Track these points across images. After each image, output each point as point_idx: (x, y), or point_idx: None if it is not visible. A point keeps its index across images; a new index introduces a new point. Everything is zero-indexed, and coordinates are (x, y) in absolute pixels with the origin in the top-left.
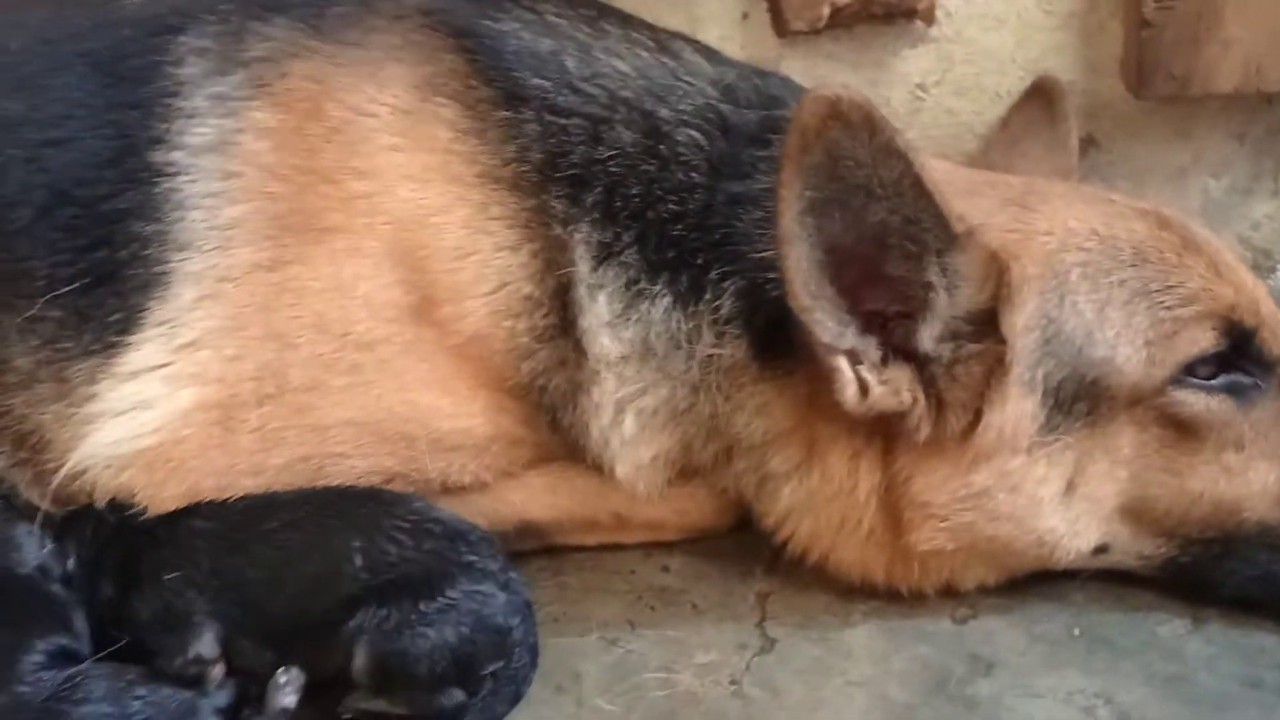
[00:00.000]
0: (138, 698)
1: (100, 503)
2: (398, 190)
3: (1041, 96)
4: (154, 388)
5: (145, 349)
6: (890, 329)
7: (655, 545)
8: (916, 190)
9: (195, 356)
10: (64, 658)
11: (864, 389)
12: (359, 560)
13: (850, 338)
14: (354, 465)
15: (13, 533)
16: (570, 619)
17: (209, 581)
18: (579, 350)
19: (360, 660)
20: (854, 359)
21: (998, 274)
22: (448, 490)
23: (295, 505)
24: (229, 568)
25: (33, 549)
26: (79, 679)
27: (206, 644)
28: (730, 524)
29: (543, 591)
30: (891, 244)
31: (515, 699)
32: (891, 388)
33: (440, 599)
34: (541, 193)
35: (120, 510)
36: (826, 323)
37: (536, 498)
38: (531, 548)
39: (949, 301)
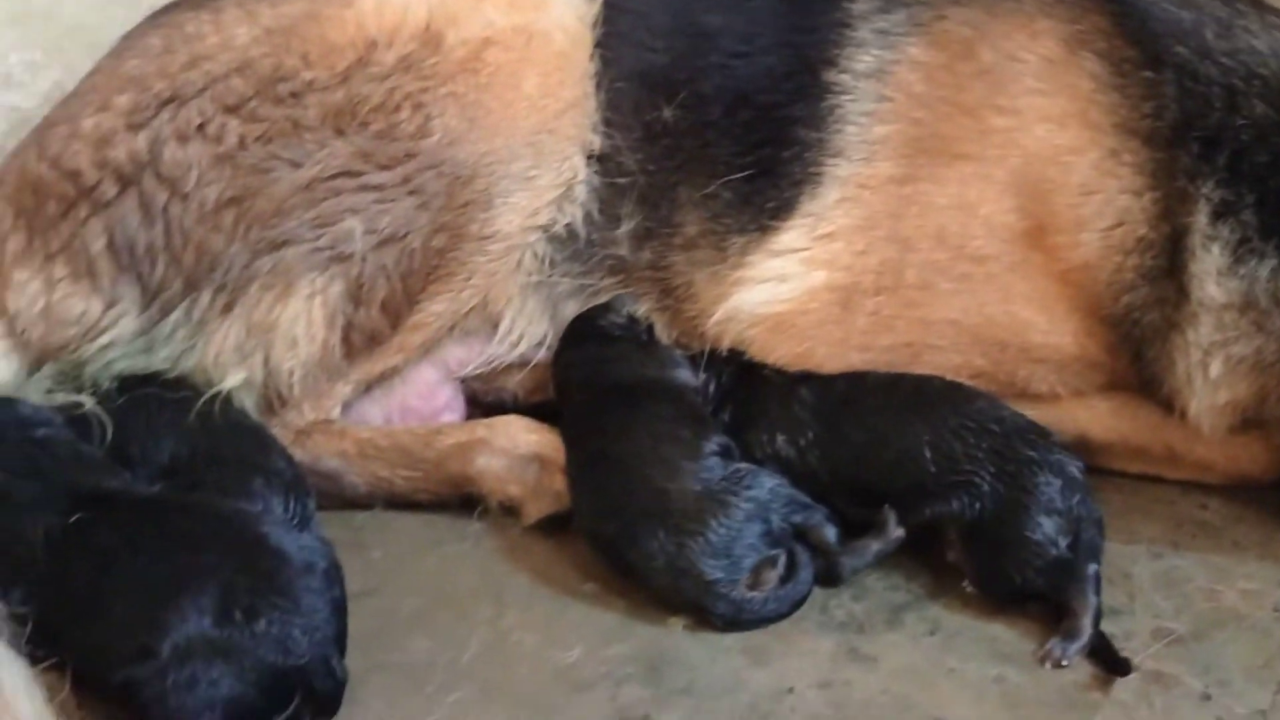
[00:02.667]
0: (784, 497)
1: (723, 350)
2: (1035, 129)
3: None
4: (793, 266)
5: (791, 234)
6: None
7: (1193, 484)
8: None
9: (830, 246)
10: (725, 454)
11: None
12: (928, 454)
13: None
14: (948, 358)
15: (675, 355)
16: (1114, 530)
17: (811, 449)
18: (1181, 293)
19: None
20: None
21: None
22: (1022, 396)
23: (881, 392)
24: (826, 440)
25: (687, 370)
26: (745, 472)
27: None
28: (1274, 478)
29: None
30: None
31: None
32: None
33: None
34: (1172, 148)
35: (746, 360)
36: None
37: (1100, 418)
38: None
39: None
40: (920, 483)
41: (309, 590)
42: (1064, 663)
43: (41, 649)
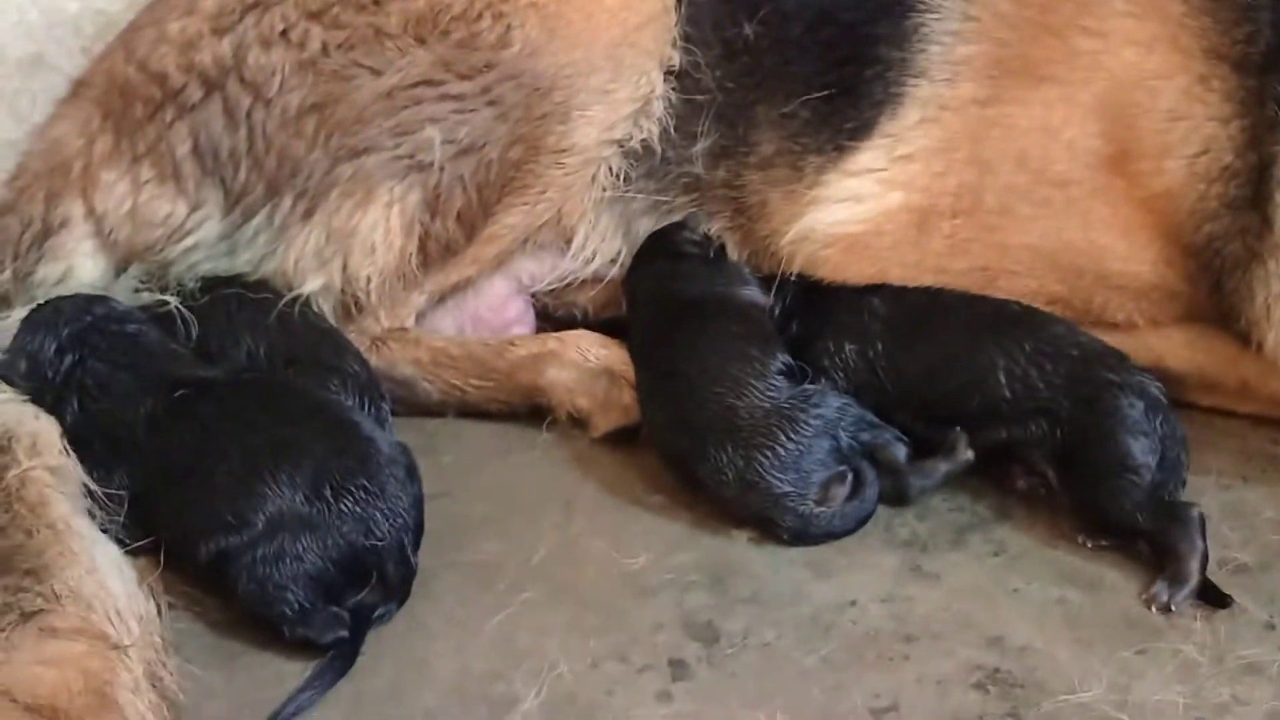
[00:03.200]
0: (852, 416)
1: (791, 270)
2: (1122, 52)
3: None
4: (869, 187)
5: (868, 154)
6: None
7: (1264, 419)
8: None
9: (908, 168)
10: (789, 373)
11: None
12: (1003, 378)
13: None
14: (1024, 284)
15: (744, 271)
16: None
17: (878, 361)
18: (1265, 223)
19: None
20: None
21: None
22: (1098, 324)
23: (956, 311)
24: (896, 355)
25: (756, 288)
26: (811, 392)
27: None
28: None
29: None
30: None
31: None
32: None
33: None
34: (1263, 75)
35: (812, 281)
36: None
37: (1175, 350)
38: None
39: None
40: (994, 407)
41: (394, 479)
42: (1171, 608)
43: (136, 530)
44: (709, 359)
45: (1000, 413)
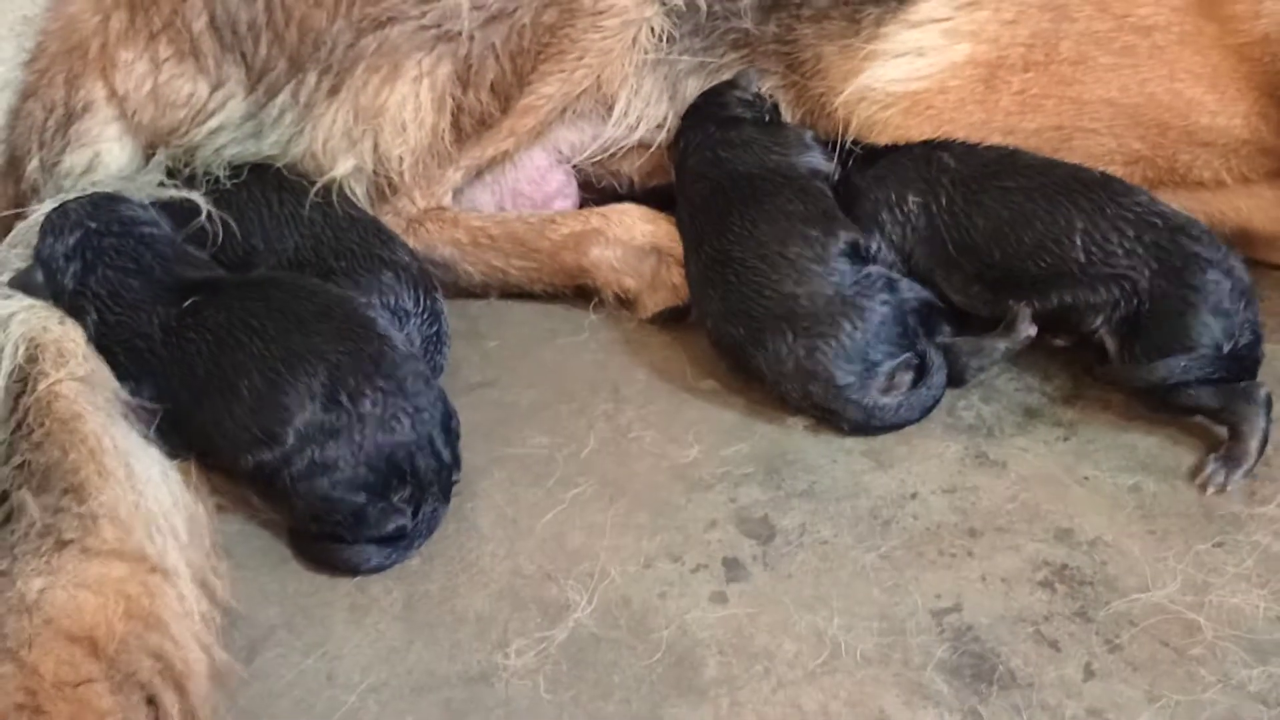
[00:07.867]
0: (920, 299)
1: (846, 133)
2: None
3: None
4: (933, 39)
5: (932, 2)
6: None
7: None
8: None
9: (975, 15)
10: (853, 253)
11: None
12: (1079, 240)
13: None
14: (1102, 142)
15: (805, 137)
16: (1271, 329)
17: (941, 215)
18: None
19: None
20: None
21: None
22: (1181, 184)
23: (1033, 172)
24: (963, 209)
25: (819, 154)
26: (877, 276)
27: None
28: None
29: None
30: None
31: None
32: None
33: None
34: None
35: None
36: None
37: (1265, 208)
38: None
39: None
40: (1064, 270)
41: (413, 374)
42: (1228, 488)
43: (175, 437)
44: (765, 243)
45: (1070, 276)
